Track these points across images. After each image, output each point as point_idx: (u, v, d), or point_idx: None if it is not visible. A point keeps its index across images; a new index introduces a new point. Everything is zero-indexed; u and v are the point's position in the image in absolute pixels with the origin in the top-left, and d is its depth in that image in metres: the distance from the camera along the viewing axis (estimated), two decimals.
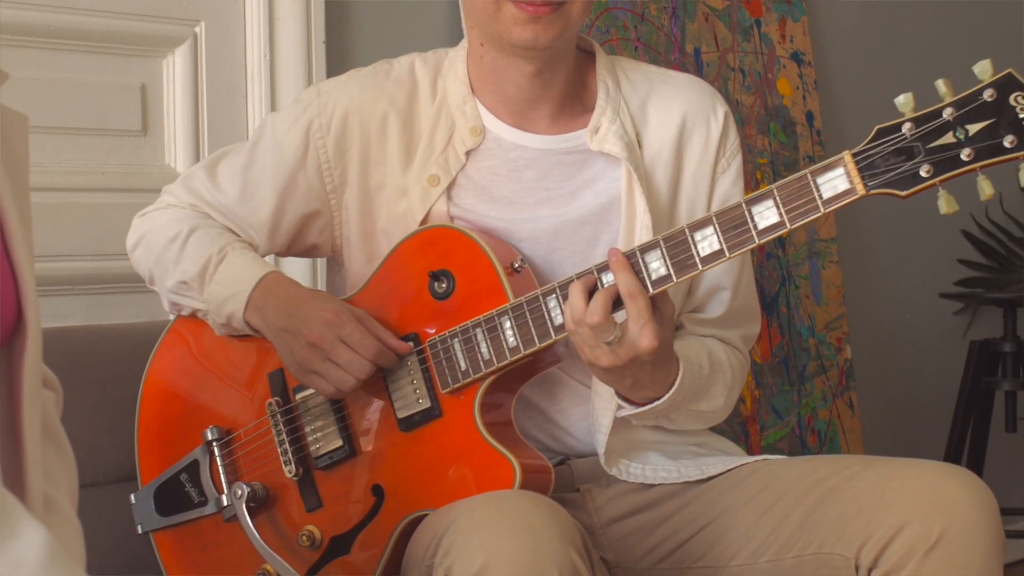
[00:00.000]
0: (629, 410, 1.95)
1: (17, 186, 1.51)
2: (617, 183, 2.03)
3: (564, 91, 2.06)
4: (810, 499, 1.86)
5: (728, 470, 2.01)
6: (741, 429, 3.47)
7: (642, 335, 1.79)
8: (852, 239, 3.86)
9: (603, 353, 1.81)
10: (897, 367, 4.00)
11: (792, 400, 3.60)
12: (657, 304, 1.83)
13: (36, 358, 1.51)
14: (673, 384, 1.91)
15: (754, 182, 3.52)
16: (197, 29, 2.74)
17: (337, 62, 2.87)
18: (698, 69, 3.49)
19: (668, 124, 2.07)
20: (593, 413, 2.02)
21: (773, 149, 3.61)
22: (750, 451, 3.38)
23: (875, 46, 3.98)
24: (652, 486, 2.04)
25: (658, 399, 1.92)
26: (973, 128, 1.70)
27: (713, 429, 2.19)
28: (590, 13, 2.01)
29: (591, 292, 1.83)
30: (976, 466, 3.80)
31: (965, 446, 3.78)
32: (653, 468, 2.04)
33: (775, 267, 3.59)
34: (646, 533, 2.02)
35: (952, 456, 3.75)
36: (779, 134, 3.64)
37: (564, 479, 2.03)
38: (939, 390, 3.98)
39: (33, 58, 2.55)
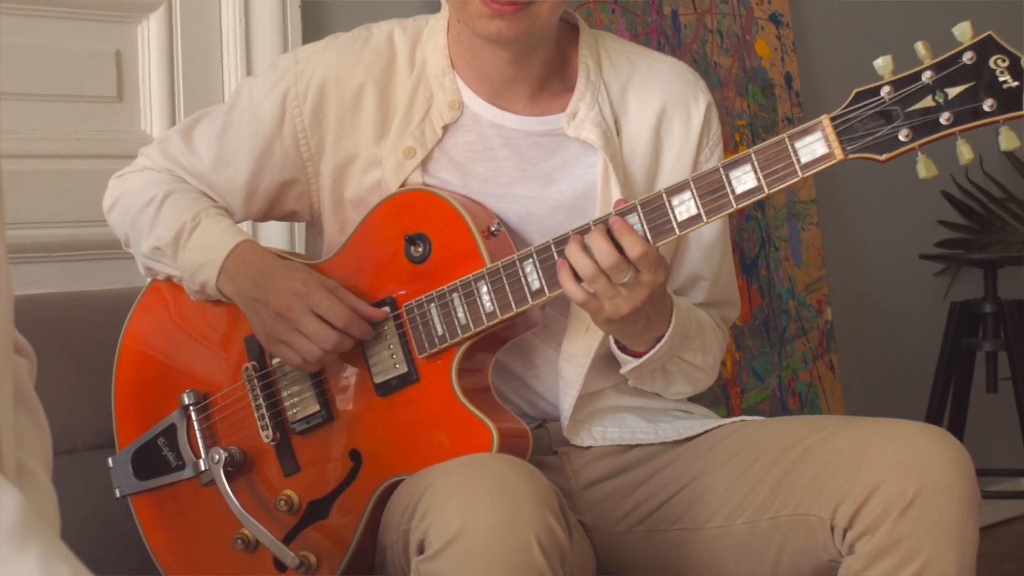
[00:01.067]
0: (633, 363, 1.95)
1: None
2: (593, 169, 2.01)
3: (543, 72, 2.03)
4: (786, 460, 1.86)
5: (706, 431, 2.01)
6: (722, 392, 3.47)
7: (659, 267, 1.81)
8: (832, 201, 3.86)
9: (622, 300, 1.80)
10: (878, 329, 4.01)
11: (773, 362, 3.61)
12: None
13: (6, 325, 1.51)
14: (670, 319, 1.91)
15: (732, 144, 3.52)
16: None
17: (313, 26, 2.87)
18: (675, 31, 3.48)
19: (648, 111, 2.05)
20: (560, 383, 2.01)
21: (752, 111, 3.60)
22: (730, 414, 3.40)
23: (854, 7, 3.97)
24: (630, 449, 2.04)
25: (660, 339, 1.91)
26: (952, 91, 1.70)
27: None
28: (560, 10, 1.96)
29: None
30: (957, 427, 3.81)
31: (947, 407, 3.78)
32: (631, 431, 2.05)
33: (755, 229, 3.59)
34: (623, 496, 2.03)
35: (933, 417, 3.75)
36: (757, 96, 3.64)
37: (542, 442, 2.03)
38: (920, 351, 3.99)
39: (7, 25, 2.53)
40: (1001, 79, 1.68)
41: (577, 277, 1.81)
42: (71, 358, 2.27)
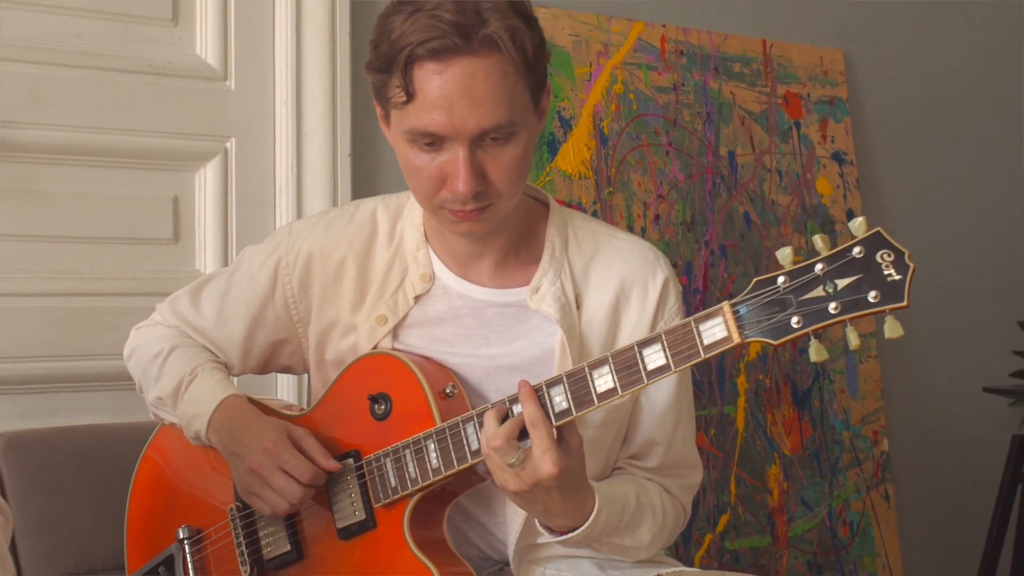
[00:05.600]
0: (548, 538, 2.09)
1: None
2: (552, 338, 2.17)
3: (507, 245, 2.20)
4: None
5: None
6: (767, 520, 3.58)
7: (543, 461, 1.94)
8: None
9: (510, 476, 1.97)
10: (939, 461, 4.07)
11: (823, 492, 3.70)
12: (563, 435, 1.97)
13: None
14: (589, 516, 2.04)
15: None
16: (228, 144, 2.98)
17: (363, 175, 3.09)
18: (732, 171, 3.63)
19: (607, 288, 2.20)
20: (508, 525, 2.18)
21: (808, 247, 3.72)
22: (775, 542, 3.51)
23: (920, 145, 4.07)
24: None
25: (574, 529, 2.05)
26: (842, 283, 1.83)
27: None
28: (522, 191, 2.12)
29: (504, 420, 2.00)
30: (1020, 563, 3.84)
31: (1003, 542, 3.82)
32: (582, 575, 2.20)
33: (808, 362, 3.70)
34: None
35: (990, 551, 3.79)
36: (817, 232, 3.75)
37: None
38: (984, 484, 4.02)
39: (70, 174, 2.81)
40: (886, 272, 1.81)
41: None
42: (97, 488, 2.52)
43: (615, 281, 2.20)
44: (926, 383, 4.07)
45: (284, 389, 3.02)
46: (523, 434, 1.98)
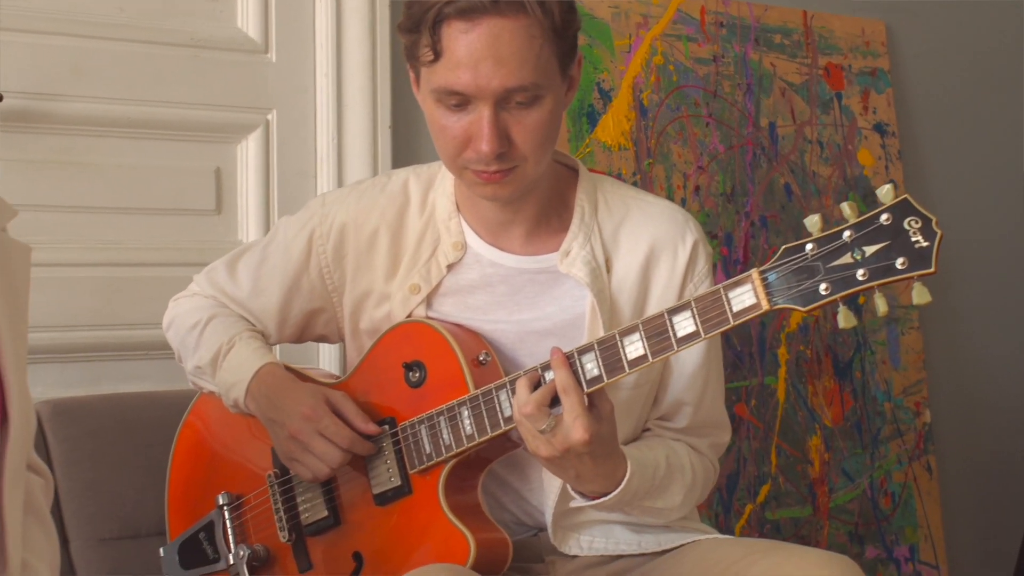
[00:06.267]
0: (580, 502, 2.12)
1: (15, 308, 1.82)
2: (583, 302, 2.20)
3: (538, 212, 2.23)
4: None
5: (682, 544, 2.18)
6: (808, 491, 3.59)
7: (575, 427, 1.97)
8: (936, 304, 3.92)
9: (541, 443, 1.99)
10: (983, 432, 4.06)
11: (864, 463, 3.71)
12: (593, 401, 2.00)
13: (20, 448, 1.81)
14: (621, 482, 2.06)
15: None
16: (269, 116, 3.01)
17: (403, 146, 3.11)
18: (772, 143, 3.63)
19: (636, 251, 2.22)
20: (544, 493, 2.20)
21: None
22: (816, 513, 3.52)
23: (963, 115, 4.06)
24: (615, 558, 2.22)
25: (606, 494, 2.08)
26: (869, 250, 1.84)
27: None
28: (549, 157, 2.15)
29: (536, 387, 2.02)
30: None
31: None
32: (616, 541, 2.23)
33: (850, 333, 3.71)
34: None
35: None
36: (858, 203, 3.75)
37: (532, 550, 2.23)
38: None
39: (114, 146, 2.84)
40: (914, 239, 1.82)
41: None
42: (141, 453, 2.56)
43: (645, 244, 2.23)
44: (969, 354, 4.06)
45: (326, 359, 3.04)
46: (555, 401, 2.01)
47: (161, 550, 2.41)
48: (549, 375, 2.02)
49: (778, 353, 3.58)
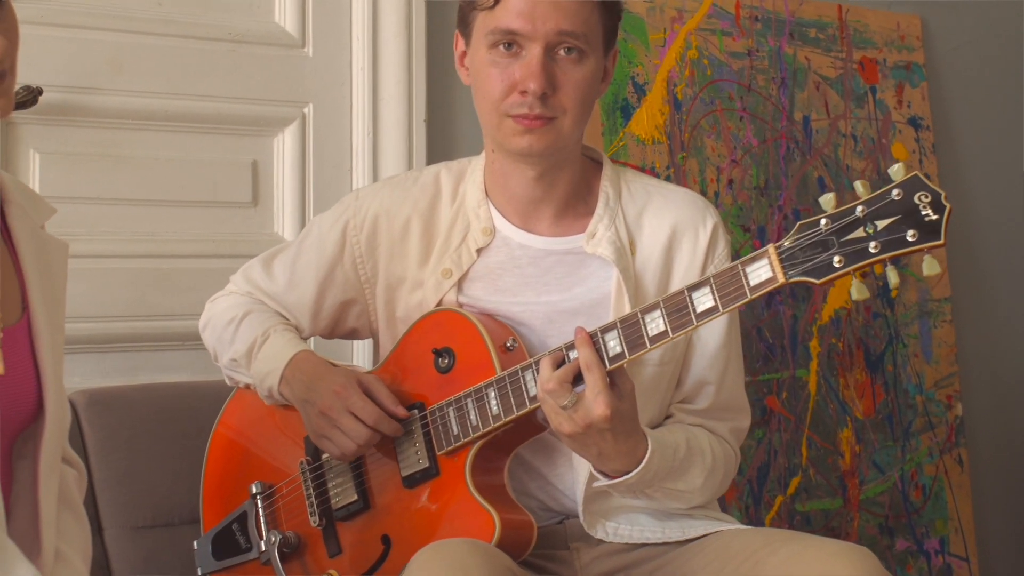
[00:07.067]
0: (603, 482, 2.16)
1: (52, 302, 1.88)
2: (609, 282, 2.27)
3: (567, 194, 2.31)
4: (742, 570, 2.07)
5: (704, 535, 2.22)
6: (839, 483, 3.61)
7: (596, 403, 2.02)
8: (969, 298, 3.95)
9: (564, 419, 2.05)
10: (1015, 425, 4.07)
11: (895, 455, 3.72)
12: (615, 380, 2.06)
13: (55, 439, 1.88)
14: (642, 460, 2.11)
15: None
16: (306, 110, 3.06)
17: (438, 140, 3.15)
18: (806, 136, 3.65)
19: (659, 233, 2.30)
20: (573, 475, 2.25)
21: None
22: (846, 505, 3.55)
23: (997, 109, 4.07)
24: (638, 547, 2.26)
25: (627, 473, 2.12)
26: (881, 223, 1.90)
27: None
28: (583, 126, 2.25)
29: (559, 366, 2.07)
30: None
31: None
32: (640, 529, 2.27)
33: (882, 326, 3.73)
34: None
35: None
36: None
37: (558, 537, 2.27)
38: None
39: (152, 139, 2.89)
40: (923, 213, 1.88)
41: None
42: (175, 442, 2.61)
43: (667, 226, 2.31)
44: (1001, 348, 4.07)
45: (360, 355, 3.08)
46: (578, 380, 2.06)
47: (195, 543, 2.46)
48: (573, 354, 2.07)
49: (810, 346, 3.60)
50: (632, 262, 2.28)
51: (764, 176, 3.59)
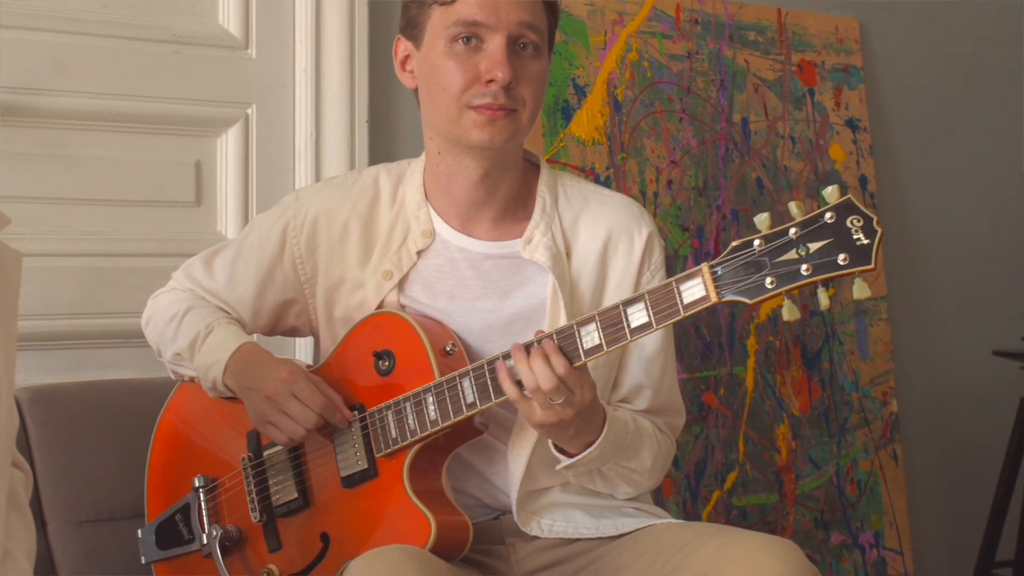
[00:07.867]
0: (565, 461, 2.22)
1: (5, 312, 1.90)
2: (545, 288, 2.32)
3: (507, 198, 2.35)
4: (671, 563, 2.13)
5: (637, 529, 2.27)
6: (775, 478, 3.68)
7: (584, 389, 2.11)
8: (905, 296, 4.02)
9: (553, 412, 2.10)
10: (948, 422, 4.14)
11: (831, 451, 3.79)
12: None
13: (4, 445, 1.90)
14: (602, 429, 2.18)
15: None
16: (249, 111, 3.09)
17: (380, 141, 3.19)
18: (745, 137, 3.71)
19: (595, 239, 2.35)
20: (508, 474, 2.30)
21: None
22: (783, 500, 3.61)
23: (934, 111, 4.14)
24: (572, 541, 2.31)
25: (590, 445, 2.18)
26: (814, 246, 1.94)
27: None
28: (534, 124, 2.31)
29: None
30: None
31: (1009, 503, 3.90)
32: (575, 525, 2.32)
33: (818, 324, 3.79)
34: None
35: (997, 511, 3.88)
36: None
37: (493, 533, 2.32)
38: (992, 446, 4.09)
39: (96, 140, 2.92)
40: (855, 236, 1.92)
41: (519, 382, 2.11)
42: (118, 438, 2.64)
43: (603, 232, 2.35)
44: (936, 346, 4.14)
45: (302, 353, 3.12)
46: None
47: (139, 531, 2.49)
48: (510, 362, 2.11)
49: (747, 343, 3.66)
50: (568, 268, 2.32)
51: (703, 177, 3.64)
